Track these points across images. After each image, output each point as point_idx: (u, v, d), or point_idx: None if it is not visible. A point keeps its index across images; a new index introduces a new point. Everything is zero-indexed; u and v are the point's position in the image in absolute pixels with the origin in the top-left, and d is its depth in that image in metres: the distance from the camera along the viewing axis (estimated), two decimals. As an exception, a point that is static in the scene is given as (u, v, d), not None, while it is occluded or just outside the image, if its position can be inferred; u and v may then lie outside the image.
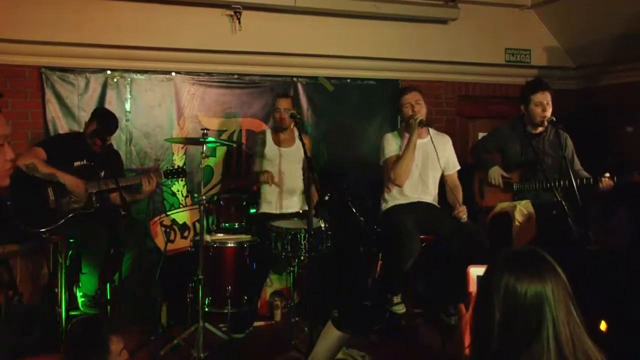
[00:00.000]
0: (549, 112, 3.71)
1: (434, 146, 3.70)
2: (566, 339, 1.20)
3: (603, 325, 2.85)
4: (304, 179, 4.07)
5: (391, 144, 3.80)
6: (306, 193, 3.27)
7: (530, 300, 1.22)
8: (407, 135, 3.73)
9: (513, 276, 1.24)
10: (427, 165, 3.78)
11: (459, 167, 3.91)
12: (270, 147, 4.01)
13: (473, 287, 1.53)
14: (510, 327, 1.22)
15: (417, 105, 3.71)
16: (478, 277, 1.63)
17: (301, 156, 3.98)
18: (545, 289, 1.22)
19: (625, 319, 2.93)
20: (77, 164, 3.63)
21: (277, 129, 4.03)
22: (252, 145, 4.24)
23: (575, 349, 1.20)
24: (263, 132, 4.14)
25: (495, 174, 3.88)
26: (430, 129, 3.85)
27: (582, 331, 1.23)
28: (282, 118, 3.92)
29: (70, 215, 3.50)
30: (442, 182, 3.91)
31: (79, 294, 3.66)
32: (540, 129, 3.82)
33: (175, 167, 3.99)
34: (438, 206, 3.87)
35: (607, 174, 3.58)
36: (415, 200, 3.77)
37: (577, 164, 3.86)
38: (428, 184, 3.81)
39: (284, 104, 3.95)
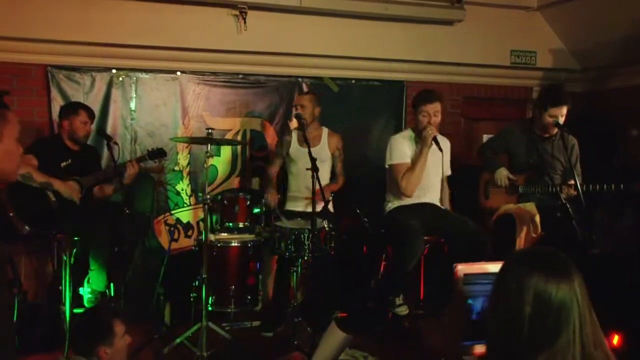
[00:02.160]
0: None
1: (441, 149, 3.66)
2: (588, 336, 1.25)
3: (616, 340, 2.84)
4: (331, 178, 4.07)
5: (405, 149, 3.74)
6: (313, 193, 3.27)
7: (560, 299, 1.27)
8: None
9: (542, 276, 1.29)
10: (430, 167, 3.76)
11: (449, 173, 3.92)
12: (294, 148, 3.97)
13: (459, 285, 1.56)
14: (539, 324, 1.26)
15: (434, 117, 3.63)
16: (465, 275, 1.65)
17: (328, 156, 4.01)
18: (575, 288, 1.28)
19: (629, 324, 2.92)
20: (63, 164, 3.69)
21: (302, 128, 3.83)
22: (279, 148, 4.14)
23: (595, 347, 1.26)
24: (290, 134, 4.07)
25: (502, 175, 3.87)
26: None
27: (599, 331, 1.29)
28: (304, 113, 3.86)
29: (72, 214, 3.52)
30: None
31: (87, 290, 3.70)
32: (549, 133, 3.80)
33: (154, 148, 4.02)
34: (442, 207, 3.86)
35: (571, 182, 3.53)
36: (419, 201, 3.77)
37: (578, 170, 3.82)
38: (432, 185, 3.80)
39: (302, 100, 3.99)
